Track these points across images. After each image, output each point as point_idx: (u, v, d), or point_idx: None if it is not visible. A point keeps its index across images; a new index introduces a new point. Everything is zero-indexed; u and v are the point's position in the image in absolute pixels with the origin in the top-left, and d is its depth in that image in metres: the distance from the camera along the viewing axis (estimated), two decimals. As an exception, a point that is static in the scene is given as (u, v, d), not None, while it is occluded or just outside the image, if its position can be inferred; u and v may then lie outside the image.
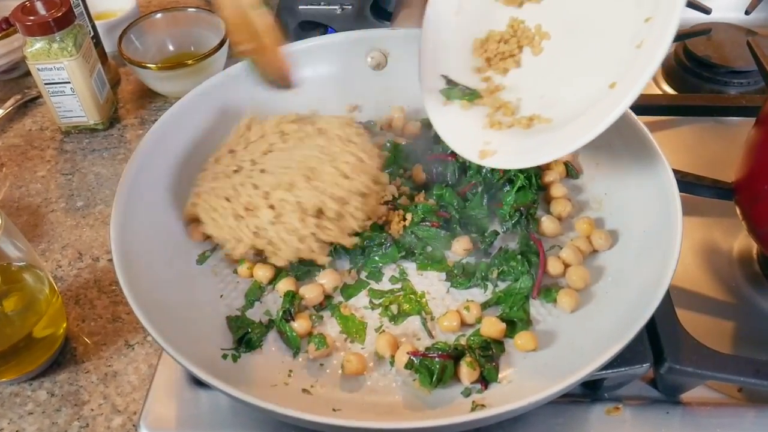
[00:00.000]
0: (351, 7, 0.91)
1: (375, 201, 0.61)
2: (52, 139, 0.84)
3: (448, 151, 0.63)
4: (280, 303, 0.58)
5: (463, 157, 0.59)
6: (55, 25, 0.74)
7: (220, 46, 0.84)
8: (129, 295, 0.51)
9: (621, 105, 0.49)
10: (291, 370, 0.54)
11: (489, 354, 0.53)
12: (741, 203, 0.61)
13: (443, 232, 0.61)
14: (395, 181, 0.67)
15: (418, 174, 0.67)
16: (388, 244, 0.61)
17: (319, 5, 0.92)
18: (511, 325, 0.55)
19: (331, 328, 0.57)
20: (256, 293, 0.59)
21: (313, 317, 0.57)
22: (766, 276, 0.64)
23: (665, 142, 0.61)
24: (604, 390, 0.55)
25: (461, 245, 0.61)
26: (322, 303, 0.58)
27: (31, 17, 0.73)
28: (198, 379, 0.50)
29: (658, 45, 0.49)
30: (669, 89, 0.87)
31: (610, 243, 0.60)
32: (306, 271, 0.60)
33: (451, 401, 0.51)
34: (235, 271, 0.61)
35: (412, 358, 0.52)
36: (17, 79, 0.93)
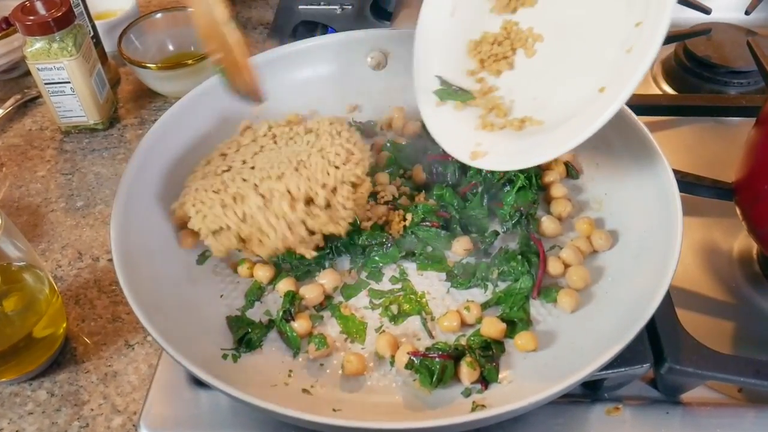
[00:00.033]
0: (351, 7, 0.91)
1: (365, 191, 0.61)
2: (52, 139, 0.84)
3: (448, 151, 0.63)
4: (280, 303, 0.57)
5: (454, 157, 0.59)
6: (55, 25, 0.74)
7: (220, 46, 0.84)
8: (129, 295, 0.51)
9: (608, 110, 0.49)
10: (291, 370, 0.54)
11: (489, 354, 0.53)
12: (741, 203, 0.61)
13: (443, 232, 0.61)
14: (395, 181, 0.67)
15: (418, 174, 0.67)
16: (389, 244, 0.61)
17: (319, 5, 0.92)
18: (512, 326, 0.55)
19: (332, 328, 0.57)
20: (256, 293, 0.59)
21: (313, 317, 0.57)
22: (766, 276, 0.64)
23: (665, 143, 0.61)
24: (604, 390, 0.55)
25: (461, 245, 0.61)
26: (322, 303, 0.58)
27: (31, 17, 0.73)
28: (198, 379, 0.50)
29: (646, 50, 0.48)
30: (669, 89, 0.87)
31: (611, 243, 0.60)
32: (306, 271, 0.60)
33: (452, 401, 0.51)
34: (235, 271, 0.61)
35: (412, 358, 0.52)
36: (17, 79, 0.93)
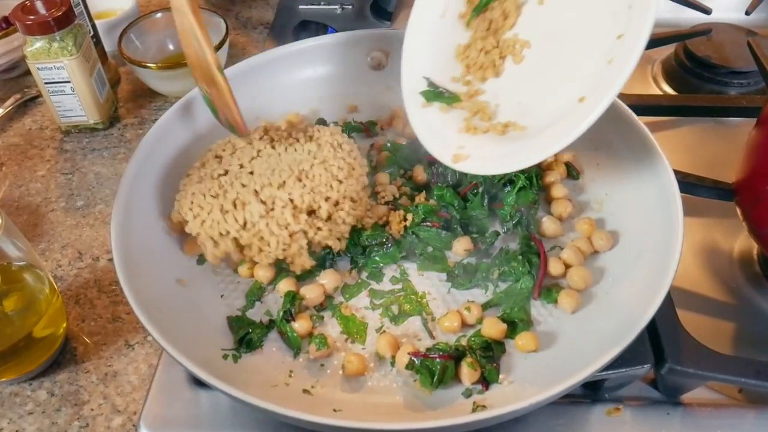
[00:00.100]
0: (351, 7, 0.91)
1: (363, 209, 0.61)
2: (51, 139, 0.84)
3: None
4: (280, 303, 0.57)
5: (437, 159, 0.59)
6: (55, 25, 0.73)
7: (220, 46, 0.84)
8: (129, 294, 0.51)
9: (585, 121, 0.49)
10: (291, 371, 0.54)
11: (490, 355, 0.53)
12: (742, 204, 0.61)
13: (444, 232, 0.61)
14: (395, 182, 0.67)
15: (419, 174, 0.66)
16: (389, 245, 0.61)
17: (319, 5, 0.92)
18: (512, 326, 0.55)
19: (332, 328, 0.57)
20: (256, 293, 0.59)
21: (314, 317, 0.57)
22: (766, 277, 0.64)
23: (665, 143, 0.61)
24: (604, 391, 0.55)
25: (462, 245, 0.61)
26: (322, 303, 0.58)
27: (31, 16, 0.73)
28: (198, 379, 0.50)
29: (625, 63, 0.48)
30: (669, 89, 0.87)
31: (611, 244, 0.60)
32: (306, 271, 0.60)
33: (452, 402, 0.51)
34: (235, 271, 0.61)
35: (412, 358, 0.52)
36: (17, 79, 0.93)
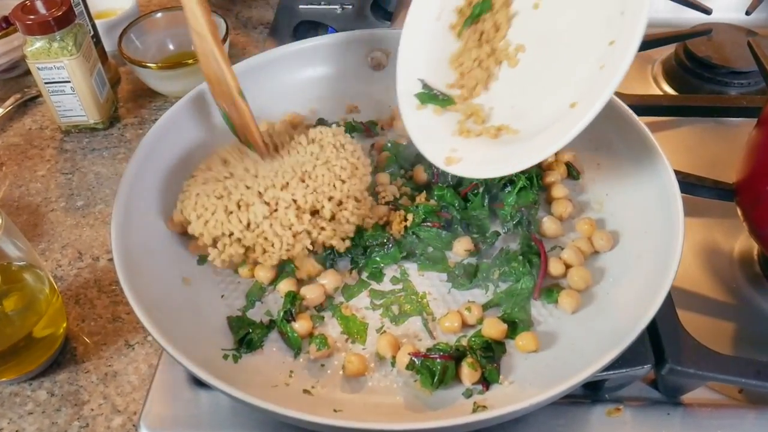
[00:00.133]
0: (351, 7, 0.91)
1: (367, 208, 0.61)
2: (52, 139, 0.84)
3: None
4: (281, 303, 0.57)
5: (429, 161, 0.59)
6: (55, 24, 0.73)
7: (220, 46, 0.84)
8: (129, 294, 0.51)
9: (575, 128, 0.49)
10: (292, 371, 0.54)
11: (490, 355, 0.53)
12: (742, 204, 0.61)
13: (444, 232, 0.61)
14: (396, 182, 0.67)
15: (419, 174, 0.66)
16: (390, 245, 0.61)
17: (320, 5, 0.92)
18: (513, 326, 0.55)
19: (332, 328, 0.57)
20: (257, 293, 0.59)
21: (314, 318, 0.57)
22: (766, 277, 0.64)
23: (666, 143, 0.61)
24: (605, 391, 0.55)
25: (462, 246, 0.61)
26: (323, 303, 0.58)
27: (31, 16, 0.73)
28: (198, 380, 0.50)
29: (615, 70, 0.48)
30: (669, 90, 0.87)
31: (612, 244, 0.60)
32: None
33: (453, 402, 0.51)
34: (236, 272, 0.61)
35: (413, 358, 0.52)
36: (17, 78, 0.93)
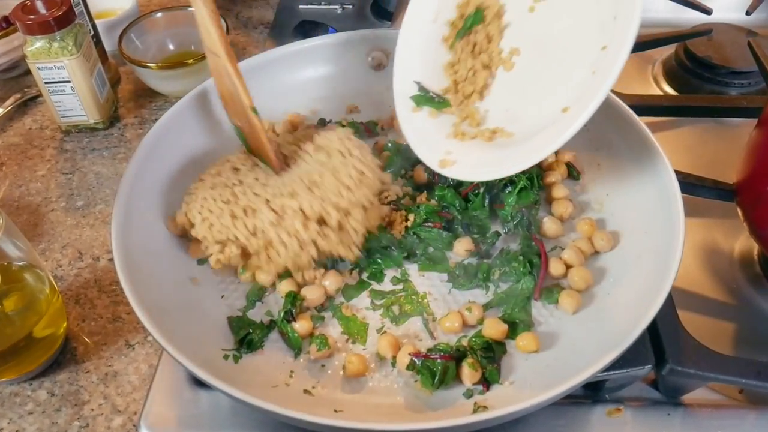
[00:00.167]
0: (351, 7, 0.91)
1: (375, 215, 0.61)
2: (52, 138, 0.84)
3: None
4: (281, 303, 0.57)
5: (424, 163, 0.59)
6: (56, 24, 0.73)
7: (220, 46, 0.84)
8: (130, 294, 0.51)
9: (567, 132, 0.49)
10: (292, 371, 0.54)
11: (491, 355, 0.53)
12: (742, 205, 0.61)
13: (445, 233, 0.61)
14: (397, 182, 0.67)
15: (420, 175, 0.66)
16: (393, 248, 0.61)
17: (320, 5, 0.92)
18: (513, 327, 0.55)
19: (333, 328, 0.57)
20: (257, 294, 0.59)
21: (315, 318, 0.57)
22: (767, 277, 0.64)
23: (666, 143, 0.61)
24: (605, 391, 0.55)
25: (463, 246, 0.60)
26: (323, 303, 0.58)
27: (31, 16, 0.73)
28: (199, 380, 0.50)
29: (606, 75, 0.48)
30: (670, 90, 0.87)
31: (612, 244, 0.60)
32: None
33: (453, 403, 0.51)
34: (236, 272, 0.61)
35: (413, 359, 0.52)
36: (17, 78, 0.93)
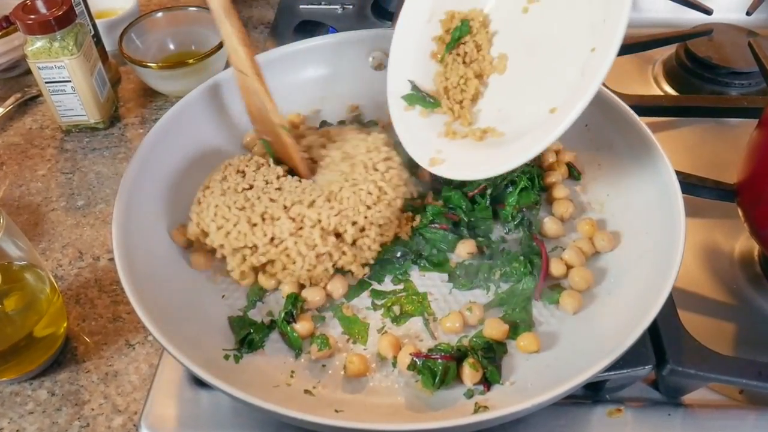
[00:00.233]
0: (352, 7, 0.91)
1: (392, 233, 0.61)
2: (52, 138, 0.84)
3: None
4: (282, 303, 0.57)
5: (415, 161, 0.59)
6: (56, 24, 0.73)
7: (221, 46, 0.83)
8: (130, 294, 0.51)
9: (553, 133, 0.49)
10: (293, 371, 0.54)
11: (491, 355, 0.53)
12: (743, 205, 0.61)
13: (451, 235, 0.61)
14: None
15: (423, 176, 0.66)
16: (402, 256, 0.61)
17: (320, 5, 0.92)
18: (514, 327, 0.55)
19: (334, 328, 0.57)
20: (258, 294, 0.59)
21: (315, 318, 0.57)
22: (767, 278, 0.64)
23: (666, 143, 0.61)
24: (605, 391, 0.55)
25: (466, 248, 0.60)
26: (324, 303, 0.58)
27: (31, 16, 0.73)
28: (199, 379, 0.50)
29: (593, 77, 0.48)
30: (670, 90, 0.87)
31: (613, 244, 0.60)
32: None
33: (454, 403, 0.51)
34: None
35: (414, 359, 0.52)
36: (17, 78, 0.93)
